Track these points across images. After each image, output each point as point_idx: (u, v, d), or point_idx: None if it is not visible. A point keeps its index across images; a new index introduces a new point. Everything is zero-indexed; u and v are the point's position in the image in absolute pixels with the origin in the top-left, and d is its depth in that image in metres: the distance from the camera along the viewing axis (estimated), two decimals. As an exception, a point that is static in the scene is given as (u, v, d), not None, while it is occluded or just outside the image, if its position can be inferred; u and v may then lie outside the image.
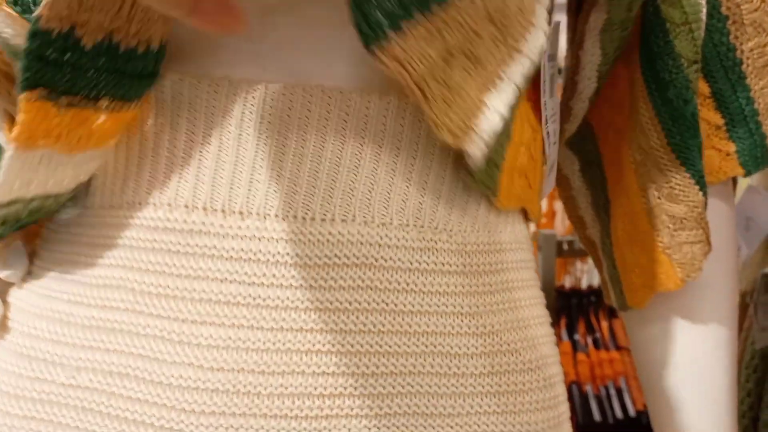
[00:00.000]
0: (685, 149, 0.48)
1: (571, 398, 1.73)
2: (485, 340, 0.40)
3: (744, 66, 0.51)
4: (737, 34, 0.51)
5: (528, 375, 0.41)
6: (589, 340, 1.81)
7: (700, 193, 0.48)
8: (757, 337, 1.03)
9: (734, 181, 0.55)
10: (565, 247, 1.76)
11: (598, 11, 0.47)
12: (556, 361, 0.45)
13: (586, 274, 2.00)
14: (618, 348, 1.83)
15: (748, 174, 0.51)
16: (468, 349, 0.39)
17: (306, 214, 0.37)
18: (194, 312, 0.36)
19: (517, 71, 0.36)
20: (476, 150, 0.36)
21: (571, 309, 1.84)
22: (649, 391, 0.55)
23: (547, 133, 0.51)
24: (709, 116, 0.52)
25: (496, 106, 0.36)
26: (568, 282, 1.98)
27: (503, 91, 0.36)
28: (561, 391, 0.45)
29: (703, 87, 0.52)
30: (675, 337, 0.53)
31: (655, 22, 0.47)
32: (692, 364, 0.52)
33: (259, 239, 0.36)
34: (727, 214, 0.53)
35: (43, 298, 0.40)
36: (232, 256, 0.36)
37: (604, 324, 1.86)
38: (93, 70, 0.34)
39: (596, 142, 0.57)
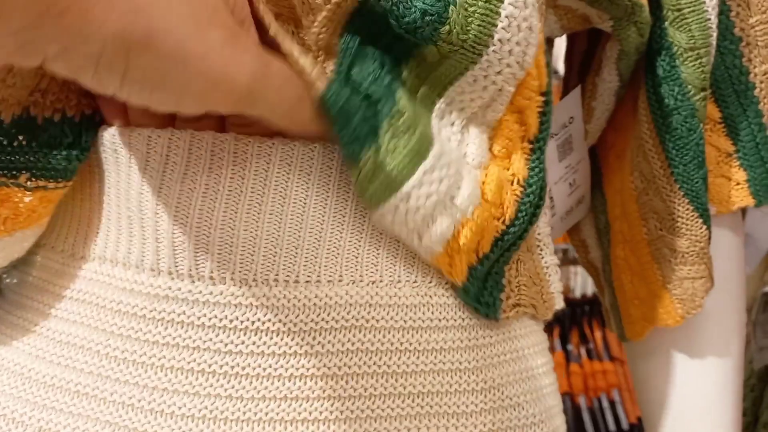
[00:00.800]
0: (689, 181, 0.45)
1: (563, 410, 1.71)
2: (487, 396, 0.37)
3: (757, 90, 0.49)
4: (750, 56, 0.48)
5: (533, 430, 0.39)
6: (583, 351, 1.78)
7: (704, 228, 0.46)
8: (755, 357, 1.01)
9: (744, 209, 0.53)
10: (559, 255, 1.73)
11: (612, 41, 0.44)
12: (560, 410, 0.43)
13: (580, 283, 1.98)
14: (612, 359, 1.81)
15: (759, 204, 0.49)
16: (468, 407, 0.37)
17: (288, 277, 0.34)
18: (165, 380, 0.34)
19: None
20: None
21: (564, 318, 1.82)
22: (650, 424, 0.53)
23: (550, 197, 0.50)
24: (719, 142, 0.50)
25: (553, 261, 0.42)
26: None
27: None
28: None
29: (714, 112, 0.49)
30: (677, 372, 0.51)
31: (662, 45, 0.45)
32: (695, 402, 0.50)
33: (236, 306, 0.34)
34: (735, 245, 0.51)
35: (3, 347, 0.37)
36: (204, 324, 0.34)
37: (598, 334, 1.84)
38: (11, 146, 0.33)
39: (598, 164, 0.55)
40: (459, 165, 0.34)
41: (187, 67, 0.27)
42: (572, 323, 1.82)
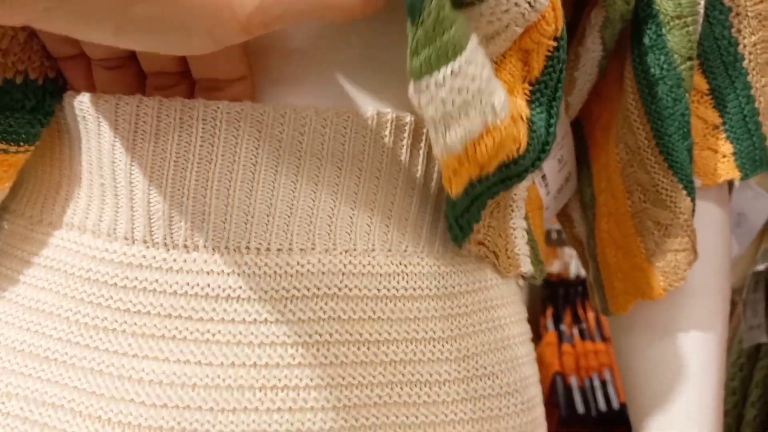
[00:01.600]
0: (674, 151, 0.45)
1: (554, 390, 1.73)
2: (461, 365, 0.37)
3: (746, 62, 0.48)
4: (740, 27, 0.47)
5: (507, 399, 0.39)
6: (575, 331, 1.79)
7: (688, 199, 0.45)
8: (745, 336, 1.01)
9: (730, 182, 0.52)
10: (554, 236, 1.74)
11: (598, 8, 0.43)
12: (536, 381, 0.42)
13: (575, 264, 1.98)
14: (604, 339, 1.81)
15: (745, 177, 0.48)
16: (441, 375, 0.36)
17: (260, 245, 0.34)
18: (135, 346, 0.33)
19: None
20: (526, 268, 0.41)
21: (557, 299, 1.82)
22: (632, 400, 0.53)
23: (543, 176, 0.49)
24: (706, 114, 0.49)
25: (521, 225, 0.41)
26: (555, 272, 1.96)
27: (521, 208, 0.41)
28: (540, 412, 0.42)
29: (701, 83, 0.49)
30: (660, 347, 0.50)
31: (648, 14, 0.44)
32: (678, 377, 0.49)
33: (208, 273, 0.33)
34: (720, 218, 0.50)
35: None
36: (176, 291, 0.33)
37: (591, 315, 1.84)
38: None
39: (584, 137, 0.54)
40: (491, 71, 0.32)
41: (185, 2, 0.25)
42: (565, 303, 1.82)
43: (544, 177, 0.51)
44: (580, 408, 1.57)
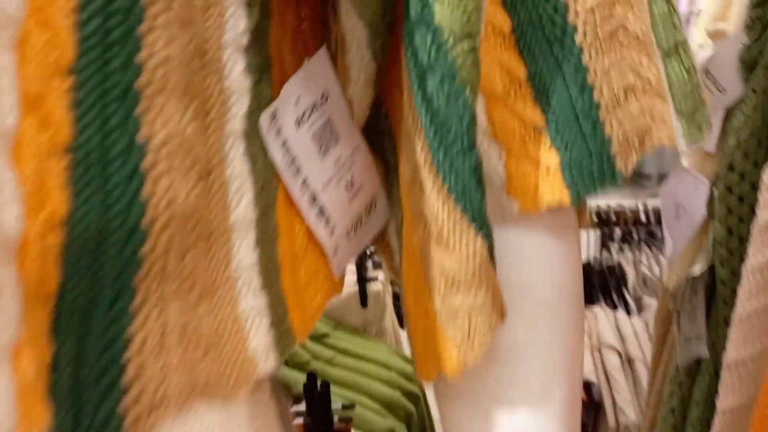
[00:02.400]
0: (453, 171, 0.31)
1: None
2: None
3: (579, 36, 0.34)
4: None
5: None
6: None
7: (479, 238, 0.32)
8: (680, 349, 0.88)
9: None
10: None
11: None
12: None
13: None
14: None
15: (576, 200, 0.34)
16: None
17: None
18: None
19: None
20: None
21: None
22: None
23: (320, 206, 0.36)
24: (524, 112, 0.35)
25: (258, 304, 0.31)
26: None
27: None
28: None
29: (518, 67, 0.35)
30: (480, 426, 0.37)
31: None
32: None
33: None
34: (553, 255, 0.36)
35: None
36: None
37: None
38: None
39: (393, 137, 0.40)
40: None
41: None
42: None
43: (322, 211, 0.37)
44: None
